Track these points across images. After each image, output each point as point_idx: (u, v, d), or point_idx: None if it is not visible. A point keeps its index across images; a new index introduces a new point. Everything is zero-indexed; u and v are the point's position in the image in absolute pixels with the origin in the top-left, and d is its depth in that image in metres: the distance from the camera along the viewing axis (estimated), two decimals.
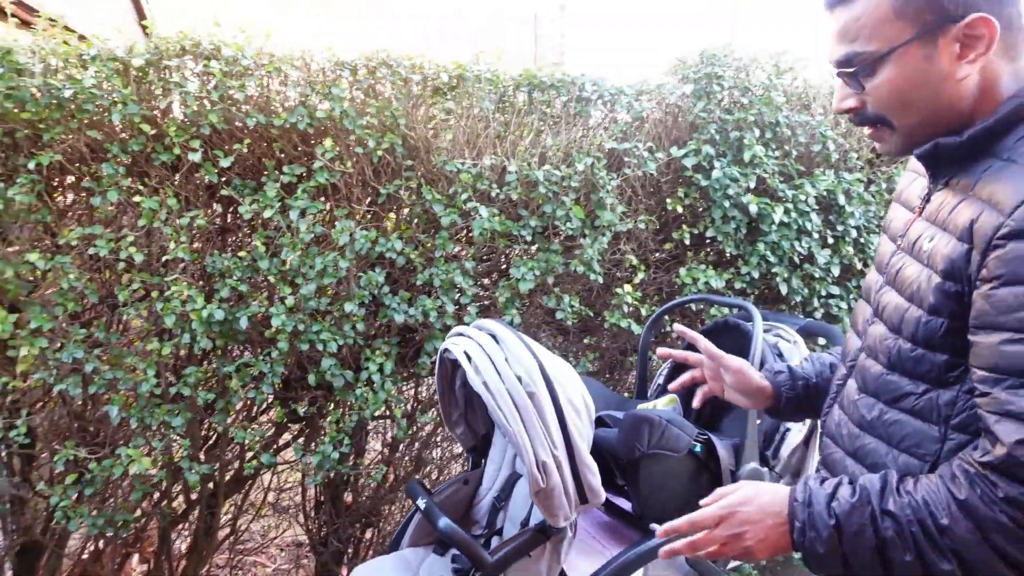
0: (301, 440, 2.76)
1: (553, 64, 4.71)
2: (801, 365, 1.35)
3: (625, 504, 2.16)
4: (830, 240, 2.76)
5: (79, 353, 2.24)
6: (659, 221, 2.83)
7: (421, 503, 1.90)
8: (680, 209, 2.74)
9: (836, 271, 2.75)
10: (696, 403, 1.43)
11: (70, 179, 2.40)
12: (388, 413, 2.68)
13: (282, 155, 2.44)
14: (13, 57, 2.21)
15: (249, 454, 2.60)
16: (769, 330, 2.28)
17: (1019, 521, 0.79)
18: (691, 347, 1.43)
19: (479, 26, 8.65)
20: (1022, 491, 0.78)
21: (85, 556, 2.67)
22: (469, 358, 1.76)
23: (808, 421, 2.01)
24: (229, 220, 2.55)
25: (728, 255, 2.87)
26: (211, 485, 2.68)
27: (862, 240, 2.79)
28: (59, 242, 2.28)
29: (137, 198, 2.27)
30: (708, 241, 2.88)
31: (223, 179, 2.40)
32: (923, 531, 0.84)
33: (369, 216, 2.55)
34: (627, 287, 2.66)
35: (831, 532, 0.89)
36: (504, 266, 2.66)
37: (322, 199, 2.47)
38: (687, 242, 2.75)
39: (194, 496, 2.71)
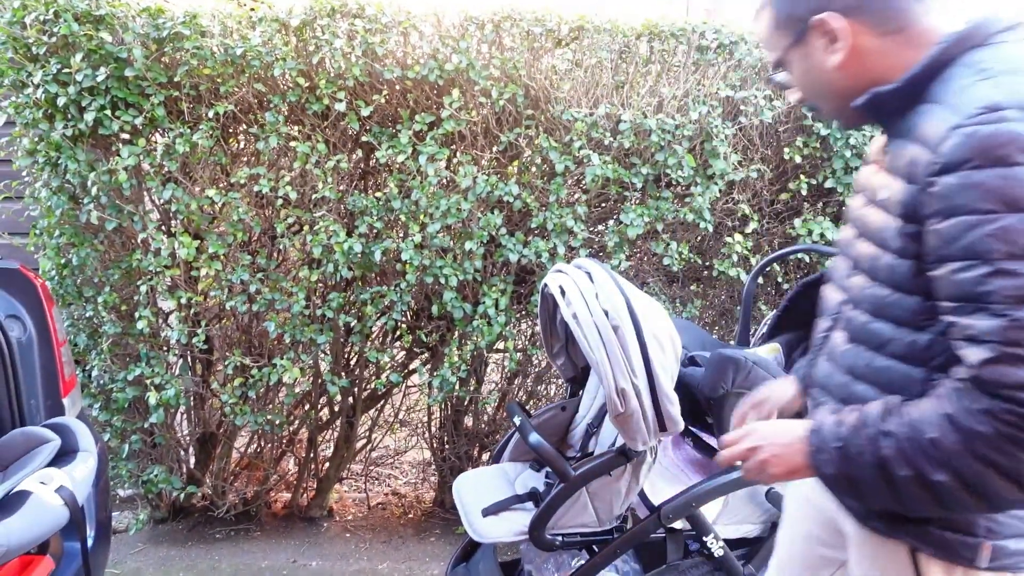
0: (427, 366, 3.06)
1: (706, 10, 4.60)
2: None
3: (714, 441, 2.25)
4: None
5: (245, 276, 2.65)
6: (776, 171, 2.79)
7: (516, 420, 2.10)
8: (799, 159, 2.69)
9: None
10: None
11: (241, 127, 2.79)
12: (504, 347, 2.91)
13: (415, 105, 2.67)
14: (199, 21, 2.58)
15: (383, 376, 2.93)
16: None
17: (999, 430, 0.85)
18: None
19: None
20: (995, 404, 0.85)
21: (250, 451, 3.16)
22: (563, 292, 1.91)
23: None
24: (369, 164, 2.84)
25: None
26: (350, 399, 3.06)
27: None
28: (231, 181, 2.67)
29: (293, 143, 2.61)
30: (828, 192, 2.80)
31: (364, 127, 2.69)
32: (916, 446, 0.91)
33: (493, 162, 2.74)
34: (737, 236, 2.68)
35: (838, 453, 0.99)
36: (616, 212, 2.76)
37: (451, 146, 2.69)
38: (804, 193, 2.71)
39: (336, 408, 3.11)
